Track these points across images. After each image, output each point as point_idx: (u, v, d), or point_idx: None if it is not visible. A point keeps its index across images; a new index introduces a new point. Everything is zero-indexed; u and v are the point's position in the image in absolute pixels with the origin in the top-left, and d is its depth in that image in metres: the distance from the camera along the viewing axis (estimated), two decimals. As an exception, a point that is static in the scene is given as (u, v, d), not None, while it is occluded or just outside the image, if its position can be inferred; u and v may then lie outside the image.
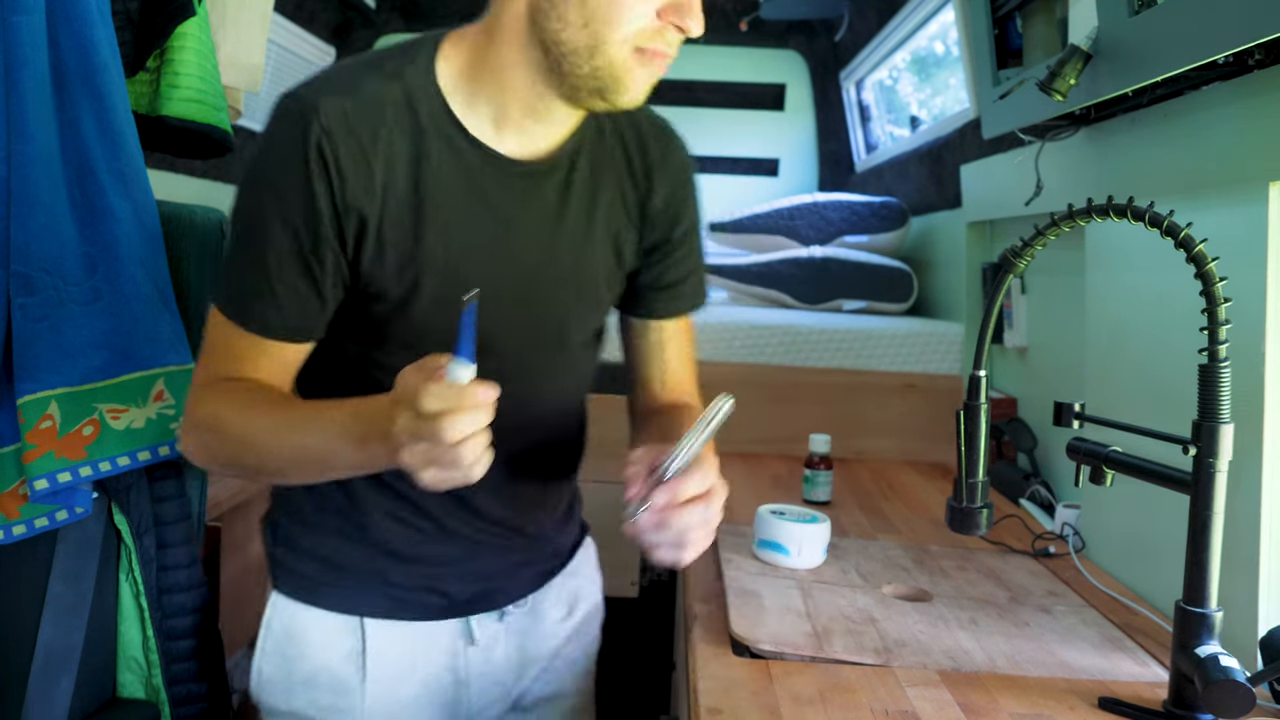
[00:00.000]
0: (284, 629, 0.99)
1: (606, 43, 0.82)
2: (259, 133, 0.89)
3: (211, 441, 0.88)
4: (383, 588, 0.98)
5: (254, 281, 0.86)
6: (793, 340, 2.14)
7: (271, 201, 0.84)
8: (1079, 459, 1.02)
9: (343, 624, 0.98)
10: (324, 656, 0.98)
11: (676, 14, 0.82)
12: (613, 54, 0.82)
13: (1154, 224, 0.88)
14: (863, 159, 3.23)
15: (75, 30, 1.10)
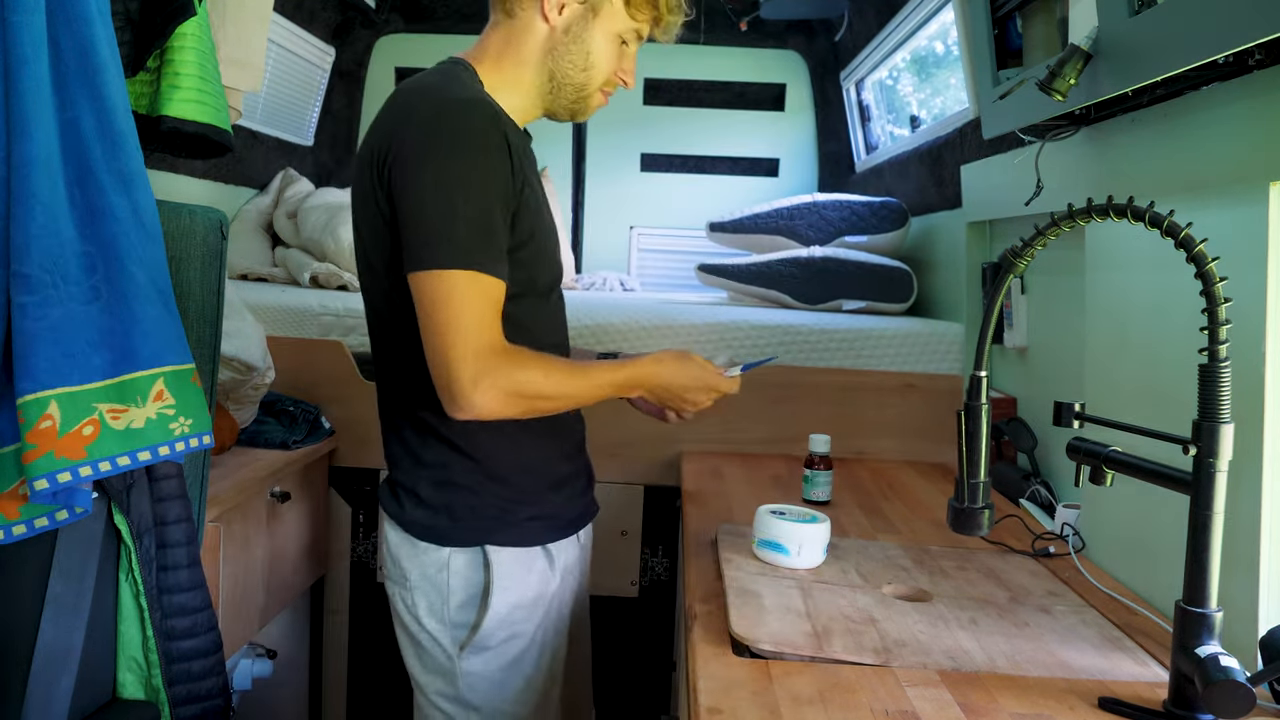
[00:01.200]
0: (512, 567, 1.24)
1: (592, 84, 1.26)
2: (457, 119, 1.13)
3: (538, 399, 1.14)
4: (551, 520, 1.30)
5: (493, 241, 1.12)
6: (793, 340, 2.14)
7: (494, 178, 1.13)
8: (1079, 459, 1.02)
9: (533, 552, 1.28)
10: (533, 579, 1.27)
11: (626, 75, 1.29)
12: (591, 91, 1.27)
13: (1154, 224, 0.88)
14: (863, 159, 3.23)
15: (75, 30, 1.10)
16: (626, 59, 1.27)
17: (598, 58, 1.24)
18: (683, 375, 1.26)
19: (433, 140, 1.12)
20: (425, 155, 1.12)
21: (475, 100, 1.16)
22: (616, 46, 1.25)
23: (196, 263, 1.25)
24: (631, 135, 3.43)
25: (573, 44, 1.23)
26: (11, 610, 1.10)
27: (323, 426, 2.01)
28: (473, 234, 1.10)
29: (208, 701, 1.23)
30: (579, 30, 1.23)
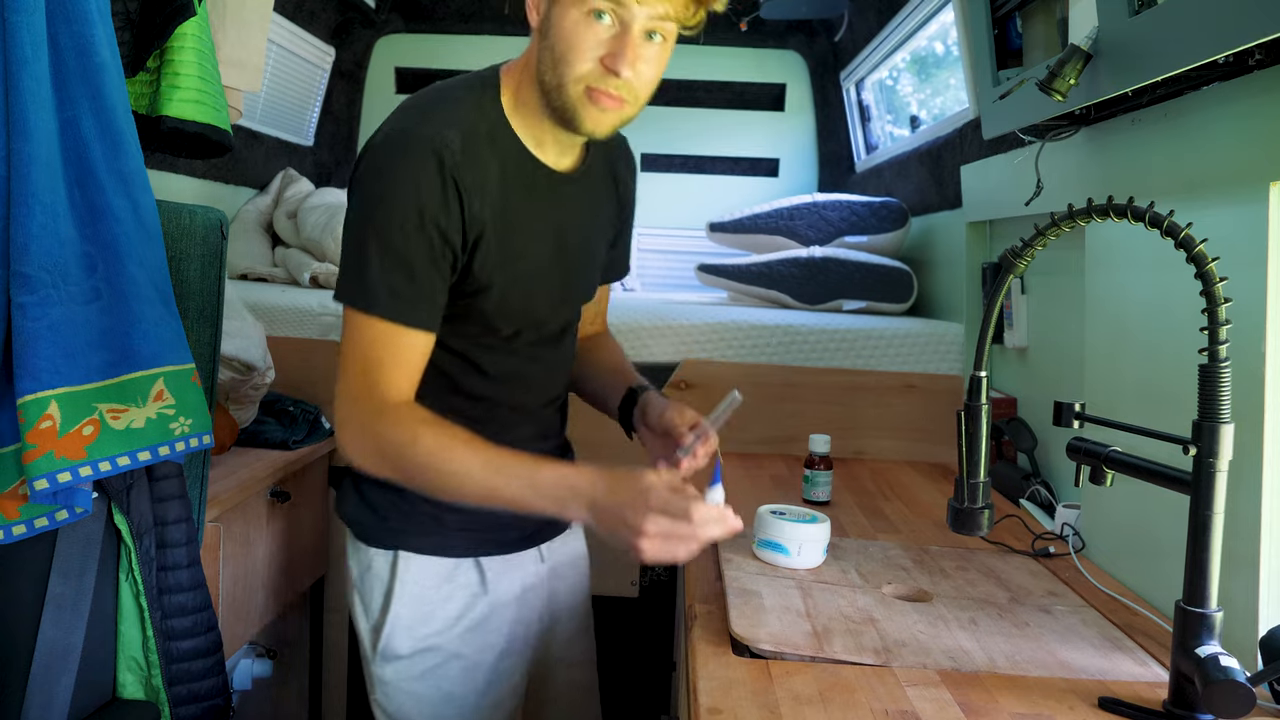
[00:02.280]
0: (415, 578, 1.20)
1: (565, 83, 1.05)
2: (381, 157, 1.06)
3: (404, 464, 1.05)
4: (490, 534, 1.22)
5: (409, 286, 1.05)
6: (793, 340, 2.14)
7: (415, 219, 1.04)
8: (1079, 459, 1.02)
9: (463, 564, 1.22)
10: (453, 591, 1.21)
11: (612, 60, 1.03)
12: (572, 93, 1.05)
13: (1154, 224, 0.88)
14: (863, 159, 3.23)
15: (75, 30, 1.10)
16: (609, 39, 1.03)
17: (566, 44, 1.04)
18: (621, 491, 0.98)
19: (362, 173, 1.07)
20: (354, 186, 1.08)
21: (416, 139, 1.05)
22: (587, 25, 1.03)
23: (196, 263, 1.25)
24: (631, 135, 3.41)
25: (542, 41, 1.07)
26: (11, 610, 1.10)
27: (323, 426, 2.01)
28: (382, 278, 1.04)
29: (208, 701, 1.23)
30: (548, 21, 1.06)
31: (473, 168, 1.07)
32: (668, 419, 1.17)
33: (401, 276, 1.04)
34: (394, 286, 1.04)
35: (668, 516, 0.95)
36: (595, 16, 1.02)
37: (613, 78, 1.03)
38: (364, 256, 1.04)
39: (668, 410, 1.18)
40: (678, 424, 1.16)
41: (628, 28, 1.03)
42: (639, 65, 1.04)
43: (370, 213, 1.05)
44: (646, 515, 0.95)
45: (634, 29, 1.03)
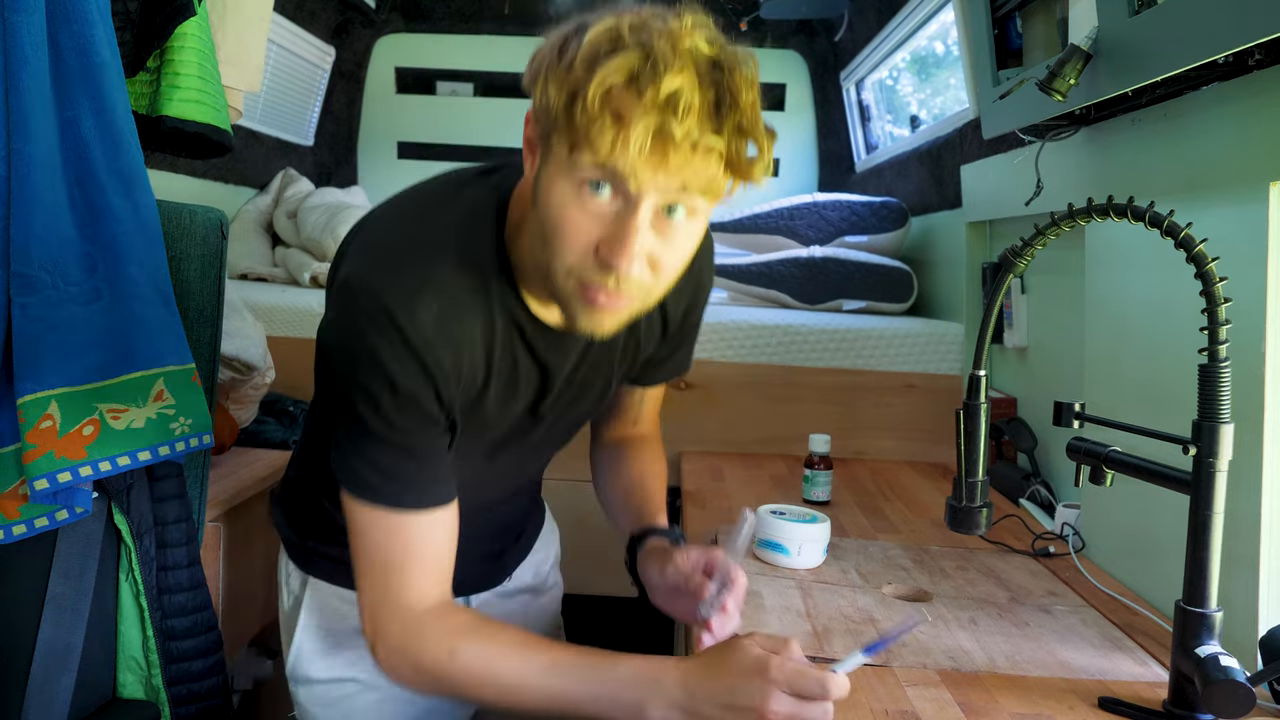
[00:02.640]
0: (321, 606, 1.09)
1: (555, 271, 0.81)
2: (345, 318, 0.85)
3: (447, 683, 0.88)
4: None
5: (406, 466, 0.86)
6: (793, 340, 2.14)
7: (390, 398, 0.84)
8: (1079, 459, 1.02)
9: None
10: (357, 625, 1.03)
11: (607, 249, 0.77)
12: (562, 285, 0.81)
13: (1154, 224, 0.88)
14: (863, 159, 3.23)
15: (75, 30, 1.10)
16: (609, 219, 0.77)
17: (553, 224, 0.79)
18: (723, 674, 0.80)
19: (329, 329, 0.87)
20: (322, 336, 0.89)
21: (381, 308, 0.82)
22: (579, 201, 0.77)
23: (196, 263, 1.25)
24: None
25: (533, 208, 0.82)
26: (11, 610, 1.10)
27: (323, 426, 2.01)
28: (374, 463, 0.86)
29: (208, 701, 1.23)
30: (537, 187, 0.81)
31: (450, 341, 0.85)
32: (671, 573, 0.96)
33: (398, 457, 0.86)
34: (392, 471, 0.86)
35: (796, 694, 0.77)
36: (591, 188, 0.77)
37: (609, 275, 0.78)
38: (351, 438, 0.87)
39: (670, 563, 0.96)
40: (686, 573, 0.94)
41: (633, 205, 0.76)
42: (652, 253, 0.79)
43: (344, 388, 0.85)
44: (770, 694, 0.76)
45: (641, 208, 0.76)
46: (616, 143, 0.73)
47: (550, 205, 0.79)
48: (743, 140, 0.76)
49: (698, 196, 0.77)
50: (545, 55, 0.78)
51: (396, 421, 0.84)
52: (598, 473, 1.20)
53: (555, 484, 1.70)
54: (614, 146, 0.73)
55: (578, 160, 0.75)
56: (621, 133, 0.73)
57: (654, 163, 0.74)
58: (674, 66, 0.72)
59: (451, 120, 3.58)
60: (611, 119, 0.73)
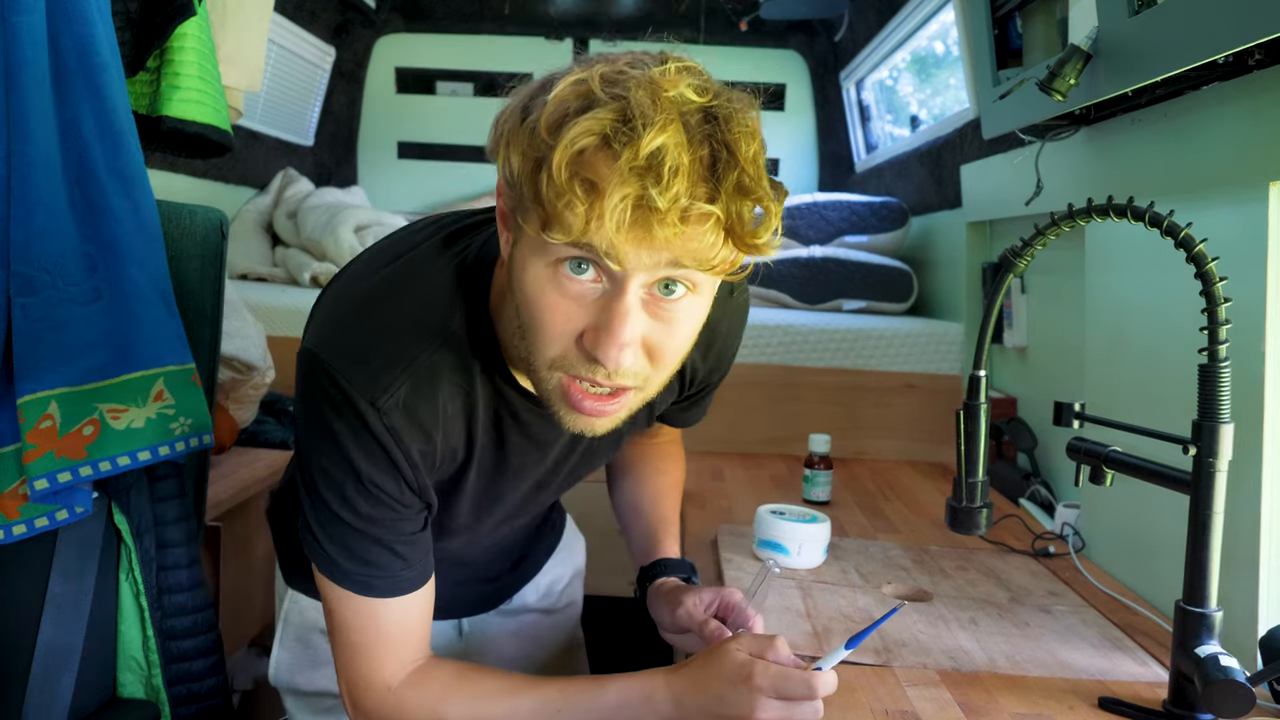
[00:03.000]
0: (301, 620, 1.08)
1: (536, 365, 0.72)
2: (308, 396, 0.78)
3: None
4: None
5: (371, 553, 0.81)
6: (793, 340, 2.14)
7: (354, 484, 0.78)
8: (1079, 459, 1.02)
9: None
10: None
11: (592, 339, 0.68)
12: (545, 380, 0.73)
13: (1154, 224, 0.88)
14: (863, 159, 3.23)
15: (75, 30, 1.10)
16: (594, 303, 0.68)
17: (527, 310, 0.70)
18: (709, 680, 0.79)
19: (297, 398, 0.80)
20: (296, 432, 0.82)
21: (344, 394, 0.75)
22: (556, 284, 0.68)
23: (196, 263, 1.25)
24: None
25: (510, 291, 0.74)
26: (11, 610, 1.10)
27: (323, 426, 2.01)
28: (338, 547, 0.80)
29: (208, 701, 1.23)
30: (511, 268, 0.73)
31: (418, 433, 0.78)
32: (682, 618, 0.92)
33: (366, 543, 0.80)
34: (363, 556, 0.80)
35: (783, 697, 0.76)
36: (570, 268, 0.67)
37: (598, 368, 0.69)
38: (318, 520, 0.80)
39: (680, 608, 0.93)
40: (699, 620, 0.91)
41: (620, 286, 0.67)
42: (647, 339, 0.70)
43: (307, 469, 0.79)
44: (756, 701, 0.75)
45: (630, 289, 0.67)
46: (590, 218, 0.63)
47: (526, 290, 0.69)
48: (744, 202, 0.65)
49: (694, 272, 0.67)
50: (507, 117, 0.68)
51: (363, 510, 0.78)
52: (615, 475, 1.16)
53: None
54: (587, 223, 0.63)
55: (550, 238, 0.64)
56: (595, 206, 0.62)
57: (636, 238, 0.63)
58: (655, 121, 0.61)
59: (451, 120, 3.58)
60: (583, 190, 0.62)
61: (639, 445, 1.16)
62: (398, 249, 0.84)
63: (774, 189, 0.67)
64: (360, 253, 0.89)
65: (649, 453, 1.15)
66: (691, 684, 0.79)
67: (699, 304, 0.71)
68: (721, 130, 0.64)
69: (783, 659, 0.78)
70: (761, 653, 0.78)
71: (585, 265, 0.67)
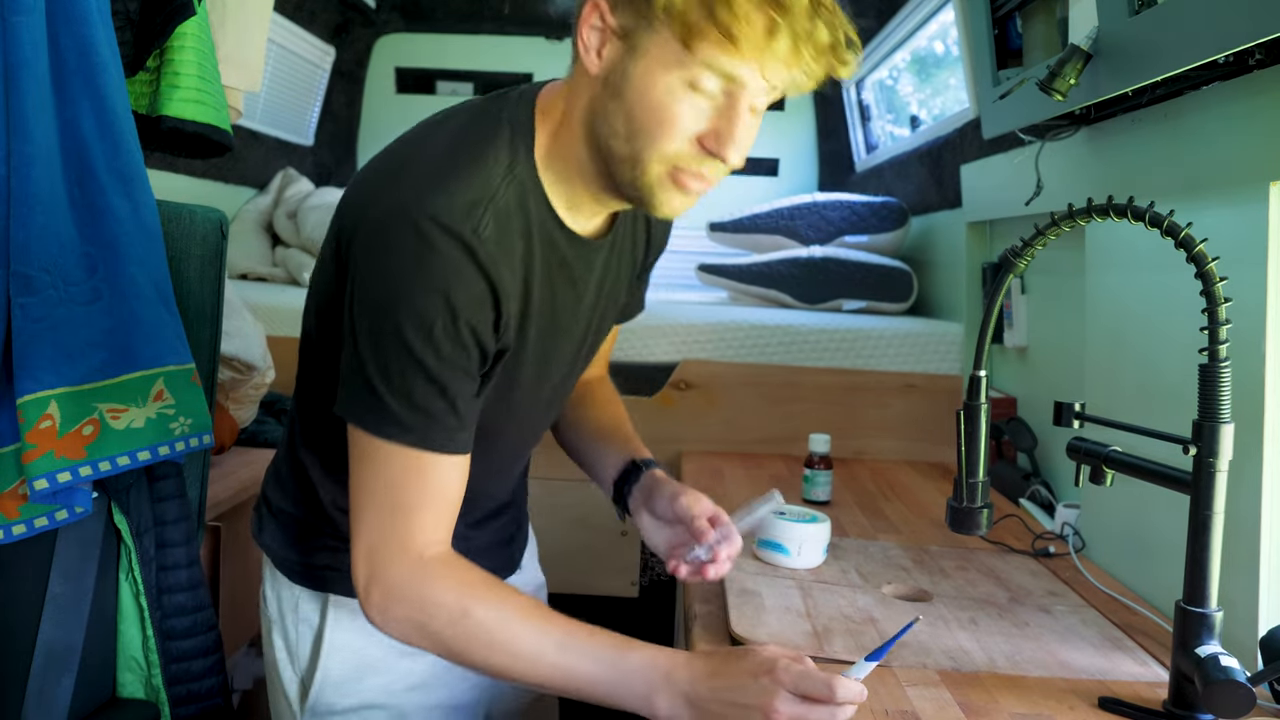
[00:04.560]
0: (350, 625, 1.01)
1: (645, 159, 0.82)
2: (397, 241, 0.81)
3: (453, 642, 0.84)
4: None
5: (441, 404, 0.83)
6: (793, 340, 2.14)
7: (447, 322, 0.81)
8: (1079, 459, 1.02)
9: None
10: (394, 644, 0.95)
11: (716, 141, 0.80)
12: (651, 171, 0.82)
13: (1154, 224, 0.88)
14: (863, 159, 3.23)
15: (75, 30, 1.10)
16: (711, 113, 0.80)
17: (654, 115, 0.80)
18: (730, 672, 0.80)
19: (370, 257, 0.83)
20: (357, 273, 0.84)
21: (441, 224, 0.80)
22: (685, 96, 0.79)
23: (196, 263, 1.25)
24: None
25: (612, 99, 0.82)
26: (11, 610, 1.10)
27: (323, 426, 2.01)
28: (410, 397, 0.82)
29: (208, 701, 1.23)
30: (619, 78, 0.81)
31: (507, 257, 0.85)
32: (682, 507, 0.98)
33: (434, 393, 0.82)
34: (425, 407, 0.82)
35: (803, 698, 0.77)
36: (705, 81, 0.79)
37: (712, 161, 0.82)
38: (384, 369, 0.82)
39: (682, 497, 0.98)
40: (695, 514, 0.97)
41: (735, 101, 0.80)
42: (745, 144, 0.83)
43: (388, 313, 0.81)
44: (776, 693, 0.77)
45: (742, 104, 0.80)
46: (769, 43, 0.75)
47: (650, 97, 0.79)
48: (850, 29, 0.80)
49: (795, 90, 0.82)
50: None
51: (445, 349, 0.82)
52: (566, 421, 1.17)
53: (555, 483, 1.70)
54: (764, 46, 0.76)
55: (698, 56, 0.77)
56: (776, 34, 0.75)
57: (793, 61, 0.77)
58: None
59: (451, 120, 3.58)
60: (764, 19, 0.75)
61: (581, 385, 1.19)
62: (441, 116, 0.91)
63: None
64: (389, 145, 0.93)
65: (590, 390, 1.20)
66: (712, 671, 0.81)
67: (759, 121, 0.85)
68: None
69: (807, 663, 0.80)
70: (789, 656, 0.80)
71: (717, 82, 0.79)
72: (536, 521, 1.28)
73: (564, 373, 1.02)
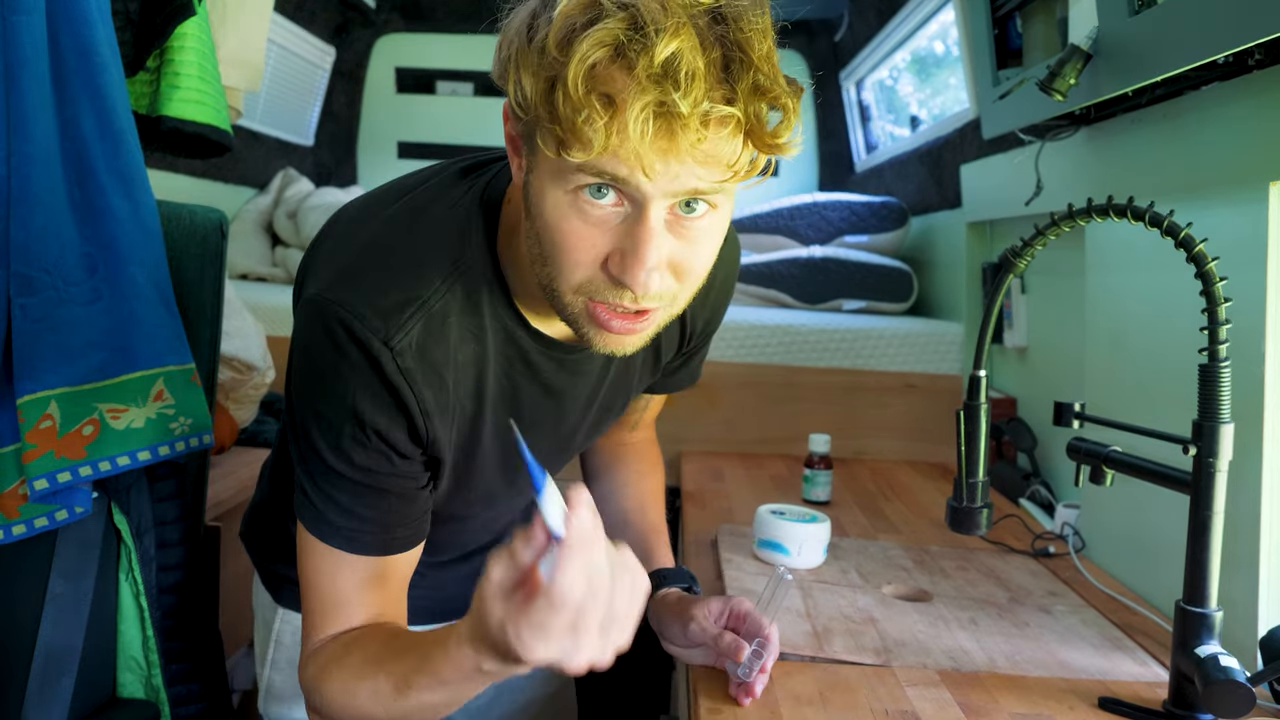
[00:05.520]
0: (294, 640, 1.01)
1: (559, 289, 0.70)
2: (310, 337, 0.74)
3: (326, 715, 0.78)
4: None
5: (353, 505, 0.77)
6: (793, 340, 2.14)
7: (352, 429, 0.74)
8: (1079, 459, 1.02)
9: None
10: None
11: (618, 264, 0.67)
12: (569, 303, 0.71)
13: (1154, 224, 0.88)
14: (863, 159, 3.23)
15: (75, 30, 1.10)
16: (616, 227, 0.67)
17: (547, 237, 0.69)
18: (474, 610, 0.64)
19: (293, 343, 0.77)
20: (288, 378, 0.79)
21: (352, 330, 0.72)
22: (578, 209, 0.67)
23: (196, 263, 1.25)
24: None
25: (527, 217, 0.72)
26: (11, 610, 1.10)
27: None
28: (319, 493, 0.77)
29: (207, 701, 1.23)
30: (526, 196, 0.71)
31: (427, 373, 0.75)
32: (695, 636, 0.90)
33: (359, 499, 0.77)
34: (353, 510, 0.77)
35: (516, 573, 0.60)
36: (590, 193, 0.66)
37: (624, 291, 0.68)
38: (309, 472, 0.77)
39: (691, 624, 0.90)
40: (712, 634, 0.89)
41: (642, 207, 0.66)
42: (672, 259, 0.68)
43: (300, 415, 0.76)
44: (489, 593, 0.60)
45: (653, 209, 0.66)
46: (611, 130, 0.61)
47: (545, 217, 0.68)
48: (761, 102, 0.64)
49: (717, 183, 0.65)
50: (512, 39, 0.66)
51: (358, 458, 0.75)
52: (593, 479, 1.12)
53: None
54: (609, 135, 0.61)
55: (568, 160, 0.63)
56: (615, 118, 0.61)
57: (660, 147, 0.62)
58: (667, 27, 0.60)
59: (451, 120, 3.59)
60: (601, 104, 0.61)
61: (616, 446, 1.12)
62: (392, 194, 0.82)
63: (790, 86, 0.65)
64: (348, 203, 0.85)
65: (627, 454, 1.12)
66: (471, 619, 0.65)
67: (720, 220, 0.70)
68: (732, 30, 0.62)
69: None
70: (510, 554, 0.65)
71: (606, 190, 0.66)
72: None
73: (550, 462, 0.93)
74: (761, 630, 0.87)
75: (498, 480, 0.88)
